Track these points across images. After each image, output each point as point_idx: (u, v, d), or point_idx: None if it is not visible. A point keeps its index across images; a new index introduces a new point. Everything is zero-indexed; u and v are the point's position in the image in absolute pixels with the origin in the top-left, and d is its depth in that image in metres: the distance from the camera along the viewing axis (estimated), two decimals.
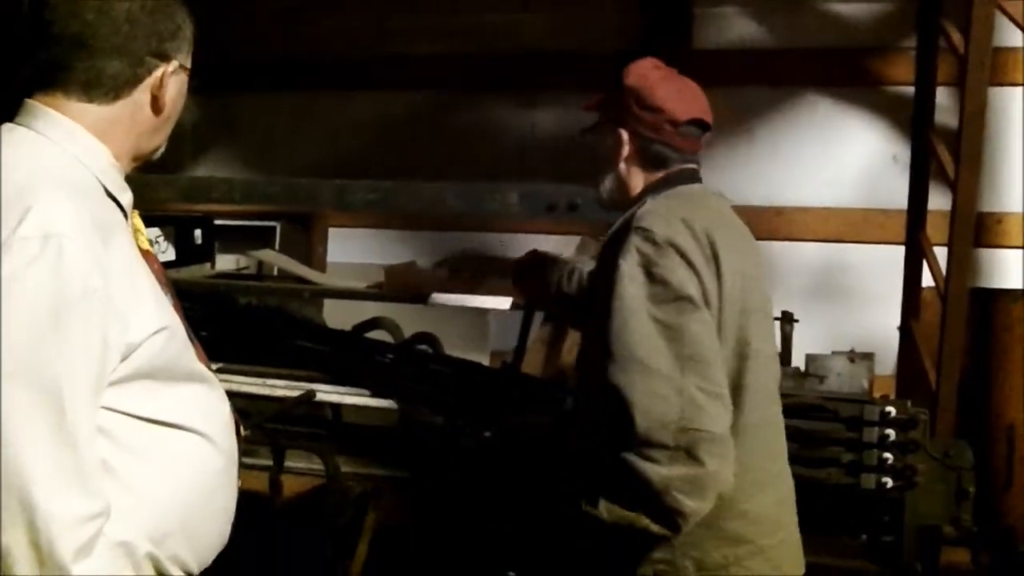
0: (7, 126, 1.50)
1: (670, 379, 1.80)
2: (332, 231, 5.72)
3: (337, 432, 2.99)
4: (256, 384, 3.00)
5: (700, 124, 2.09)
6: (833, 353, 3.92)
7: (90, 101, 1.48)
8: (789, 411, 2.54)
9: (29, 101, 1.49)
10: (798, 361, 3.90)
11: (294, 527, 2.83)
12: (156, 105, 1.54)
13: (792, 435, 2.61)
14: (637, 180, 2.08)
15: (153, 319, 1.44)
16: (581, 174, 2.13)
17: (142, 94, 1.52)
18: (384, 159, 5.32)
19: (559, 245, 4.10)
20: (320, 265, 5.69)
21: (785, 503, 2.10)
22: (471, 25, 5.31)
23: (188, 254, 3.81)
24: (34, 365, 1.28)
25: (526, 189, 2.34)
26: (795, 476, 2.15)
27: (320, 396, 3.00)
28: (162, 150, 1.66)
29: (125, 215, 1.57)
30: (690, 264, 1.87)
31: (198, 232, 3.89)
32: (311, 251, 5.73)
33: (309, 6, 5.51)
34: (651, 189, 2.06)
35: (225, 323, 3.45)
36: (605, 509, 1.85)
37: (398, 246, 5.40)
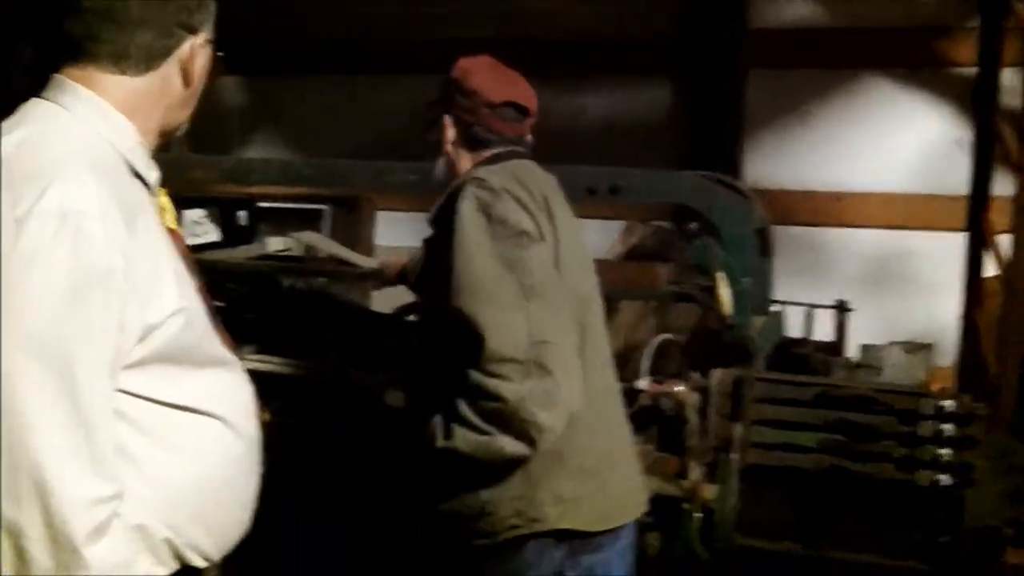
0: (34, 101, 1.46)
1: (516, 303, 1.88)
2: (380, 214, 5.72)
3: None
4: (292, 366, 2.95)
5: (516, 107, 2.19)
6: (890, 344, 3.80)
7: (122, 73, 1.45)
8: (841, 403, 2.46)
9: (57, 75, 1.46)
10: (852, 352, 3.79)
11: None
12: (185, 78, 1.52)
13: (844, 428, 2.57)
14: (465, 161, 2.19)
15: (173, 301, 1.40)
16: (629, 158, 2.07)
17: (172, 66, 1.50)
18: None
19: (601, 229, 4.00)
20: (367, 248, 5.68)
21: (629, 455, 2.20)
22: (519, 10, 5.24)
23: (232, 236, 3.77)
24: (49, 343, 1.24)
25: (566, 171, 2.26)
26: (846, 470, 2.08)
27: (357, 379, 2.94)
28: (186, 126, 1.62)
29: (152, 194, 1.53)
30: (524, 206, 1.98)
31: (242, 214, 3.86)
32: (359, 234, 5.72)
33: None
34: (480, 165, 2.16)
35: (267, 304, 3.43)
36: (461, 438, 1.90)
37: None
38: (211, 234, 3.60)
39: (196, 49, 1.51)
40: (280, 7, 5.61)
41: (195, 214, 3.46)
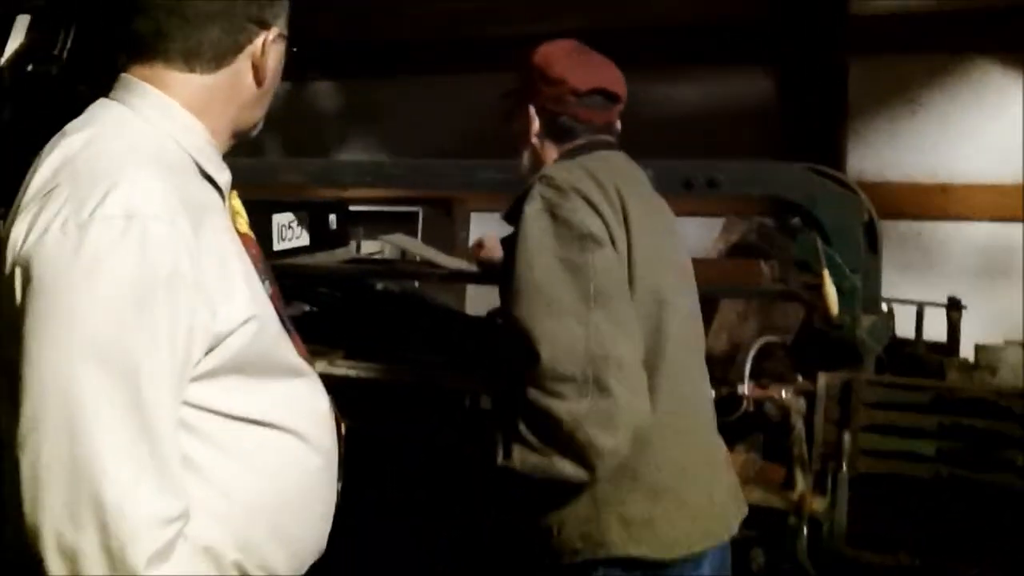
0: (101, 101, 1.43)
1: (576, 312, 1.77)
2: (474, 215, 5.67)
3: None
4: (381, 371, 2.91)
5: (605, 94, 2.09)
6: (1006, 343, 3.60)
7: (191, 71, 1.41)
8: (958, 407, 2.33)
9: (124, 75, 1.43)
10: (967, 352, 3.59)
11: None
12: (257, 75, 1.47)
13: (960, 434, 2.43)
14: (551, 153, 2.09)
15: (244, 308, 1.34)
16: (726, 150, 1.94)
17: (243, 63, 1.45)
18: None
19: (699, 226, 3.88)
20: (462, 249, 5.64)
21: (717, 469, 2.03)
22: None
23: (322, 239, 3.74)
24: (113, 352, 1.18)
25: (661, 165, 2.17)
26: (962, 479, 1.96)
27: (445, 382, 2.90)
28: (260, 126, 1.57)
29: (223, 196, 1.47)
30: (593, 206, 1.87)
31: (332, 217, 3.81)
32: (453, 235, 5.68)
33: None
34: (563, 158, 2.07)
35: (358, 308, 3.40)
36: (518, 459, 1.80)
37: None
38: (301, 238, 3.56)
39: (268, 45, 1.45)
40: (370, 9, 5.58)
41: (284, 218, 3.42)
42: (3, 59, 3.56)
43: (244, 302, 1.33)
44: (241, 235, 1.47)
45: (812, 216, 2.61)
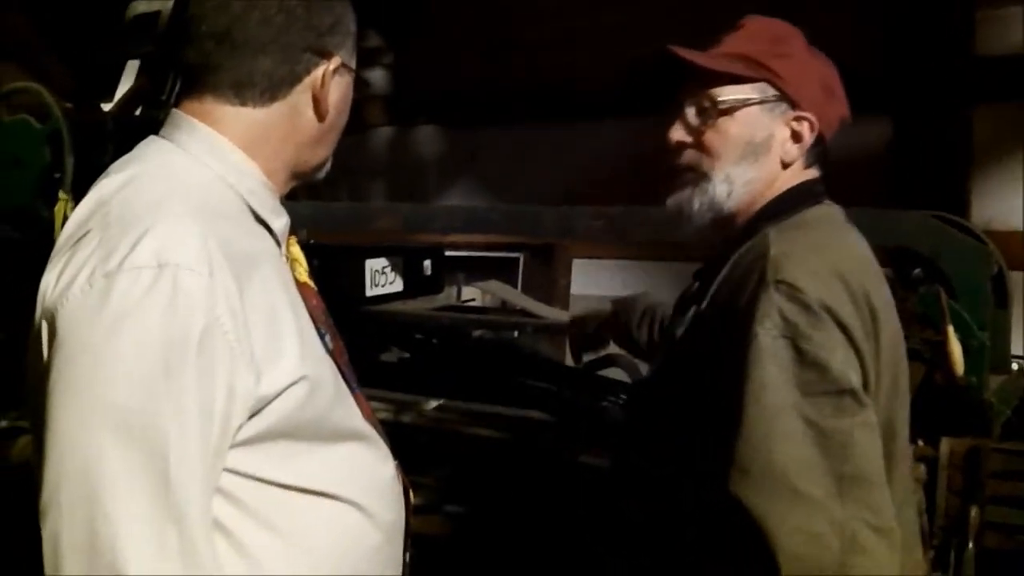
0: (150, 139, 1.33)
1: (826, 509, 1.33)
2: (576, 262, 5.57)
3: None
4: (471, 423, 2.79)
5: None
6: None
7: (243, 104, 1.29)
8: None
9: (175, 110, 1.32)
10: None
11: None
12: (318, 109, 1.34)
13: None
14: (781, 183, 1.61)
15: (294, 367, 1.20)
16: (842, 199, 1.76)
17: (301, 95, 1.33)
18: (631, 188, 5.10)
19: None
20: (563, 297, 5.54)
21: None
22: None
23: (417, 285, 3.65)
24: (137, 423, 1.06)
25: None
26: None
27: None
28: (327, 168, 1.45)
29: (278, 242, 1.35)
30: (851, 341, 1.41)
31: (427, 263, 3.73)
32: (554, 283, 5.59)
33: (551, 41, 5.36)
34: (776, 204, 1.61)
35: (453, 356, 3.31)
36: None
37: (642, 277, 5.14)
38: (394, 284, 3.48)
39: (329, 76, 1.32)
40: (475, 56, 5.56)
41: (378, 263, 3.35)
42: (112, 104, 3.58)
43: (294, 361, 1.20)
44: (300, 285, 1.35)
45: (936, 267, 2.42)
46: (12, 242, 3.00)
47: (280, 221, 1.35)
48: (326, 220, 3.05)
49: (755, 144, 1.59)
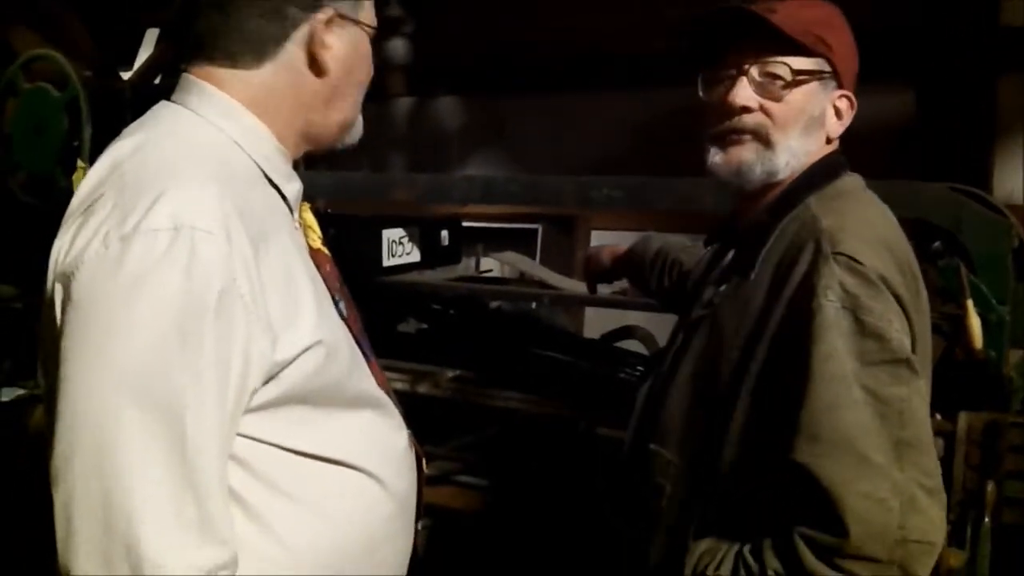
0: (161, 103, 1.31)
1: (887, 474, 1.39)
2: (595, 233, 5.55)
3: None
4: (487, 395, 2.80)
5: None
6: None
7: (235, 66, 1.27)
8: None
9: (184, 75, 1.30)
10: None
11: None
12: (316, 66, 1.29)
13: None
14: (816, 153, 1.63)
15: (310, 332, 1.20)
16: (862, 170, 1.75)
17: (293, 53, 1.28)
18: (652, 159, 5.08)
19: None
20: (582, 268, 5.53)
21: None
22: None
23: (434, 256, 3.65)
24: (153, 386, 1.05)
25: None
26: None
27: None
28: (354, 132, 1.40)
29: (291, 208, 1.34)
30: (904, 310, 1.46)
31: (444, 233, 3.72)
32: (573, 254, 5.57)
33: (577, 6, 5.31)
34: (812, 174, 1.63)
35: (471, 327, 3.31)
36: None
37: None
38: (411, 254, 3.48)
39: (321, 30, 1.27)
40: (499, 25, 5.52)
41: (395, 233, 3.35)
42: (132, 72, 3.58)
43: (310, 326, 1.20)
44: (313, 251, 1.34)
45: (956, 240, 2.40)
46: (32, 210, 3.01)
47: (293, 186, 1.34)
48: (344, 190, 3.05)
49: (814, 118, 1.61)
